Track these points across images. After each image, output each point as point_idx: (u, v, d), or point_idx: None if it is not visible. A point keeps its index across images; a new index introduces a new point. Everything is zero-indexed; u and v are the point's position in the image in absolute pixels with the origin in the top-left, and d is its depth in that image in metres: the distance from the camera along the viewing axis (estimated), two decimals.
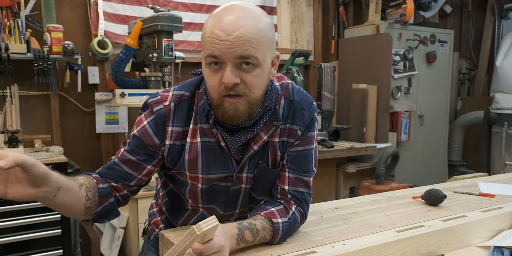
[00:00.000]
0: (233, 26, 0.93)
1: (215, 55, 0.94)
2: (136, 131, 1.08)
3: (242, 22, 0.94)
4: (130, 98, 2.63)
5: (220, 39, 0.93)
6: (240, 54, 0.93)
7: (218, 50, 0.94)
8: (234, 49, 0.93)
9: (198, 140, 1.07)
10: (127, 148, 1.08)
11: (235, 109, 0.98)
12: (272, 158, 1.12)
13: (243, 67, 0.96)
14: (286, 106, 1.11)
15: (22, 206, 2.40)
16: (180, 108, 1.07)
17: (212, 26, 0.96)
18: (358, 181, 3.49)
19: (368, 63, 3.94)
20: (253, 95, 0.98)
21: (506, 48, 4.45)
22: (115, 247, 2.83)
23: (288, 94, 1.12)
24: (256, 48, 0.95)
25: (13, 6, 2.77)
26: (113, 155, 1.13)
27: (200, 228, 0.80)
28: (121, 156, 1.07)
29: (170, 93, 1.09)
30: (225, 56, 0.94)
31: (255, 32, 0.95)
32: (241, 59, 0.94)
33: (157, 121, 1.06)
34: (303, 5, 4.18)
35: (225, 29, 0.93)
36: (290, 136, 1.11)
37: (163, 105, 1.07)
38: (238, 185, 1.12)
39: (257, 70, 0.97)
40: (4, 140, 2.51)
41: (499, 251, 1.11)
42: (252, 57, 0.95)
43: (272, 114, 1.08)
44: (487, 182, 1.73)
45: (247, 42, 0.93)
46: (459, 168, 4.80)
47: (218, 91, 0.97)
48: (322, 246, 1.02)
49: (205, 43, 0.97)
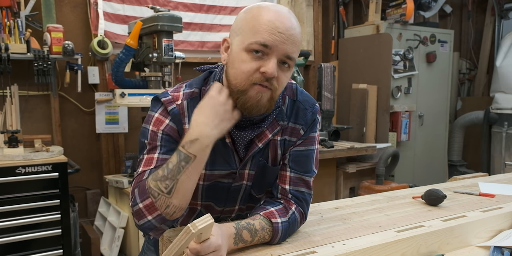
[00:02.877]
0: (291, 24, 0.98)
1: (267, 45, 0.96)
2: (161, 130, 1.04)
3: (294, 25, 0.99)
4: (130, 98, 2.63)
5: (279, 31, 0.96)
6: (288, 52, 0.98)
7: (272, 41, 0.96)
8: (286, 46, 0.97)
9: None
10: (160, 151, 1.02)
11: (260, 98, 0.99)
12: (272, 156, 1.13)
13: (281, 66, 1.00)
14: (289, 106, 1.13)
15: (22, 206, 2.40)
16: (192, 105, 1.06)
17: (268, 16, 0.97)
18: (358, 181, 3.49)
19: (368, 63, 3.94)
20: (278, 92, 1.02)
21: (506, 48, 4.45)
22: (115, 247, 2.83)
23: (292, 94, 1.14)
24: (297, 52, 1.01)
25: (13, 6, 2.77)
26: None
27: (196, 226, 0.79)
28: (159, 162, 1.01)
29: (180, 92, 1.08)
30: (276, 48, 0.96)
31: (300, 37, 1.01)
32: (285, 57, 0.98)
33: (174, 120, 1.05)
34: (303, 5, 4.18)
35: (285, 23, 0.97)
36: (292, 135, 1.12)
37: (176, 104, 1.06)
38: (239, 182, 1.13)
39: (289, 72, 1.03)
40: (4, 140, 2.51)
41: (499, 251, 1.11)
42: (293, 59, 1.00)
43: (278, 113, 1.10)
44: (487, 182, 1.73)
45: (296, 43, 0.99)
46: (459, 168, 4.80)
47: (251, 78, 0.98)
48: (322, 246, 1.02)
49: (254, 29, 0.97)
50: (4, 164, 2.36)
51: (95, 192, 3.31)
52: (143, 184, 0.97)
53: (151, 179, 0.96)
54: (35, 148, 2.63)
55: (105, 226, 3.01)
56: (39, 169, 2.43)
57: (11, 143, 2.48)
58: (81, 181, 3.23)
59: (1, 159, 2.39)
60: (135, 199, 0.97)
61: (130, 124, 3.32)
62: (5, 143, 2.50)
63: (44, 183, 2.46)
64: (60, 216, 2.51)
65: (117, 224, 2.85)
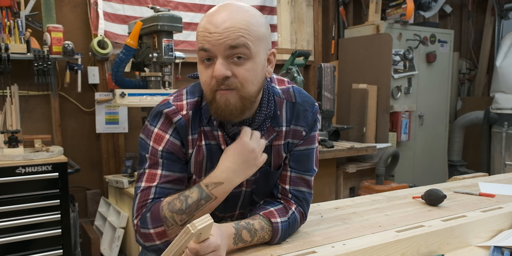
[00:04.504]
0: (222, 18, 0.94)
1: (205, 48, 0.94)
2: (162, 147, 1.02)
3: (233, 15, 0.95)
4: (130, 98, 2.63)
5: (210, 32, 0.93)
6: (229, 44, 0.93)
7: (208, 43, 0.93)
8: (223, 40, 0.93)
9: (203, 142, 1.06)
10: (163, 168, 1.02)
11: (226, 101, 0.96)
12: (276, 161, 1.12)
13: (234, 60, 0.94)
14: (289, 109, 1.11)
15: (22, 206, 2.40)
16: (196, 114, 1.05)
17: (203, 22, 0.96)
18: (358, 181, 3.49)
19: (368, 63, 3.94)
20: (246, 89, 0.96)
21: (506, 48, 4.45)
22: (115, 247, 2.83)
23: (290, 97, 1.12)
24: (247, 38, 0.94)
25: (13, 6, 2.77)
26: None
27: (195, 226, 0.80)
28: (163, 179, 1.02)
29: (184, 102, 1.05)
30: (215, 48, 0.93)
31: (245, 23, 0.94)
32: (231, 49, 0.93)
33: (179, 131, 1.03)
34: (303, 5, 4.18)
35: (215, 22, 0.94)
36: (295, 137, 1.12)
37: (181, 114, 1.03)
38: (238, 188, 1.12)
39: (249, 64, 0.95)
40: (4, 140, 2.51)
41: (499, 251, 1.11)
42: (242, 46, 0.93)
43: (272, 119, 1.08)
44: (487, 182, 1.73)
45: (236, 31, 0.93)
46: (459, 168, 4.80)
47: (210, 86, 0.96)
48: (322, 246, 1.02)
49: (197, 39, 0.97)
50: (4, 164, 2.36)
51: (95, 192, 3.31)
52: (157, 210, 0.98)
53: (167, 210, 0.97)
54: (35, 148, 2.63)
55: (105, 226, 3.01)
56: (39, 169, 2.43)
57: (11, 143, 2.48)
58: (81, 181, 3.23)
59: (1, 159, 2.39)
60: (146, 223, 0.98)
61: (130, 124, 3.32)
62: (5, 143, 2.50)
63: (44, 183, 2.46)
64: (60, 216, 2.51)
65: (117, 224, 2.85)
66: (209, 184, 0.98)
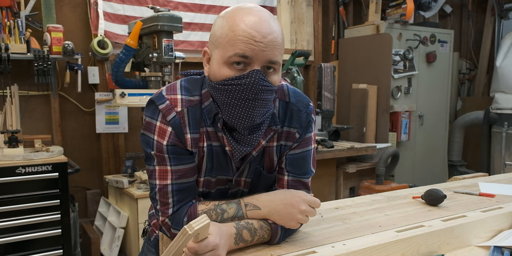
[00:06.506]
0: (267, 29, 0.94)
1: (247, 56, 0.93)
2: (166, 141, 1.00)
3: (273, 27, 0.96)
4: (130, 98, 2.63)
5: (256, 40, 0.93)
6: (270, 58, 0.95)
7: (251, 51, 0.93)
8: (267, 53, 0.94)
9: (204, 144, 1.04)
10: (171, 163, 1.01)
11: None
12: (267, 164, 1.11)
13: (266, 71, 0.97)
14: (282, 109, 1.09)
15: (22, 206, 2.40)
16: (193, 112, 1.02)
17: (244, 27, 0.93)
18: (358, 181, 3.49)
19: (368, 63, 3.94)
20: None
21: (506, 48, 4.45)
22: (115, 247, 2.83)
23: (284, 96, 1.09)
24: (281, 54, 0.99)
25: (13, 6, 2.77)
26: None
27: (192, 227, 0.81)
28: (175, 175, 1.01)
29: (178, 96, 1.02)
30: (257, 57, 0.94)
31: (282, 38, 0.98)
32: (268, 63, 0.96)
33: (175, 129, 1.01)
34: (303, 5, 4.18)
35: (260, 31, 0.93)
36: (288, 140, 1.09)
37: (175, 112, 1.00)
38: (236, 188, 1.13)
39: (276, 75, 1.00)
40: (4, 140, 2.51)
41: (499, 251, 1.11)
42: (278, 63, 0.98)
43: (271, 118, 1.06)
44: (487, 182, 1.73)
45: (278, 47, 0.96)
46: (459, 168, 4.80)
47: None
48: (322, 246, 1.02)
49: (230, 41, 0.94)
50: (4, 164, 2.36)
51: (95, 192, 3.31)
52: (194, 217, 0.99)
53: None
54: (35, 148, 2.63)
55: (105, 226, 3.01)
56: (39, 169, 2.43)
57: (11, 143, 2.48)
58: (81, 181, 3.23)
59: (1, 159, 2.39)
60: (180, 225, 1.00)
61: (130, 124, 3.32)
62: (5, 143, 2.50)
63: (44, 183, 2.46)
64: (60, 216, 2.51)
65: (117, 224, 2.85)
66: (249, 204, 1.02)
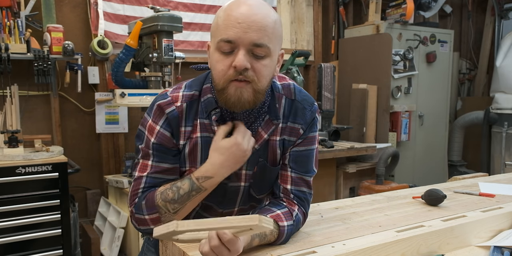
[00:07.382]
0: (251, 10, 0.95)
1: (230, 40, 0.94)
2: (154, 139, 1.06)
3: (259, 11, 0.96)
4: (130, 98, 2.63)
5: (238, 22, 0.94)
6: (254, 41, 0.94)
7: (234, 34, 0.94)
8: (250, 34, 0.94)
9: (198, 134, 1.08)
10: (153, 159, 1.07)
11: (240, 95, 0.98)
12: (271, 157, 1.13)
13: (255, 55, 0.97)
14: (287, 105, 1.11)
15: (22, 206, 2.40)
16: (191, 107, 1.08)
17: (229, 11, 0.96)
18: (358, 181, 3.49)
19: (368, 63, 3.94)
20: (260, 83, 0.99)
21: (506, 48, 4.45)
22: (115, 247, 2.83)
23: (290, 94, 1.13)
24: (270, 37, 0.97)
25: (13, 6, 2.77)
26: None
27: (261, 221, 0.78)
28: (153, 169, 1.07)
29: (180, 93, 1.08)
30: (240, 40, 0.94)
31: (271, 21, 0.97)
32: (254, 46, 0.95)
33: (171, 122, 1.06)
34: (303, 5, 4.18)
35: (243, 12, 0.95)
36: (291, 135, 1.12)
37: (175, 106, 1.06)
38: (236, 183, 1.13)
39: (267, 60, 0.99)
40: (4, 140, 2.51)
41: (499, 251, 1.11)
42: (265, 46, 0.96)
43: (271, 112, 1.09)
44: (487, 182, 1.73)
45: (263, 29, 0.95)
46: (459, 168, 4.80)
47: (226, 76, 0.97)
48: (322, 246, 1.02)
49: (219, 28, 0.97)
50: (4, 164, 2.36)
51: (95, 192, 3.31)
52: (152, 199, 1.05)
53: (160, 199, 1.04)
54: (35, 148, 2.63)
55: (105, 226, 3.01)
56: (39, 169, 2.43)
57: (11, 143, 2.48)
58: (81, 181, 3.23)
59: (1, 159, 2.39)
60: (141, 210, 1.06)
61: (130, 124, 3.32)
62: (5, 143, 2.50)
63: (44, 183, 2.46)
64: (60, 216, 2.51)
65: (117, 224, 2.85)
66: (200, 178, 1.04)
